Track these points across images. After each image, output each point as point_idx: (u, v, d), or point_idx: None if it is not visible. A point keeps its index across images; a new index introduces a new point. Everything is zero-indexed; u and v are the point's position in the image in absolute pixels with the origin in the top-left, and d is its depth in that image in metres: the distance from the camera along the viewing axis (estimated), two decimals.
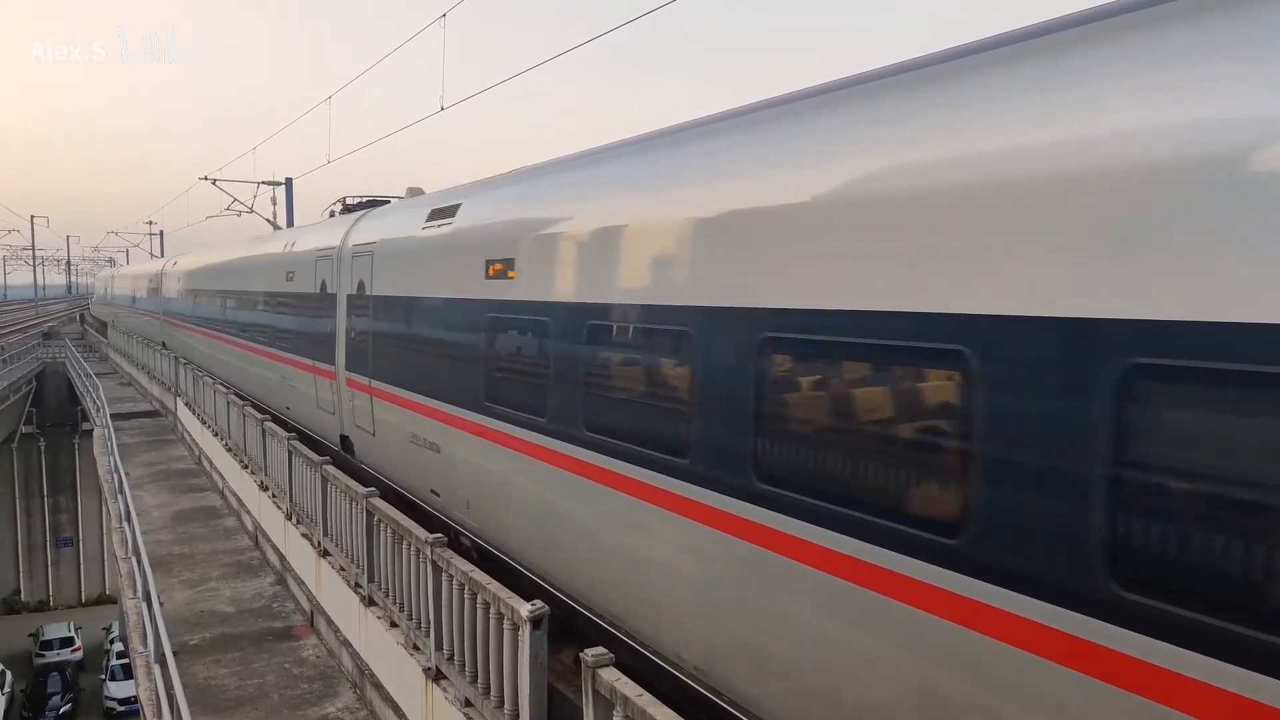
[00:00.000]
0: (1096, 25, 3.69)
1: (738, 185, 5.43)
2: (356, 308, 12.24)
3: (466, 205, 9.52)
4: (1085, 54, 3.63)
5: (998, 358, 3.67)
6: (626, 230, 6.42)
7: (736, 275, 5.18)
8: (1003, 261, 3.70)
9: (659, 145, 6.57)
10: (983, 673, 3.72)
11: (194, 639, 11.05)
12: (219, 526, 16.43)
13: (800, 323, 4.69)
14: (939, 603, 3.86)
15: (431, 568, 7.33)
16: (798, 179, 4.96)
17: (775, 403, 4.87)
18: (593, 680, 4.89)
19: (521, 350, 7.94)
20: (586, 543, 6.74)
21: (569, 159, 8.25)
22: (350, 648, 9.78)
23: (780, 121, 5.35)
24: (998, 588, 3.63)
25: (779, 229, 4.97)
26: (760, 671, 5.06)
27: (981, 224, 3.78)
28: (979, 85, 4.09)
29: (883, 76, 4.81)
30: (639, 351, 6.32)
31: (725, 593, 5.23)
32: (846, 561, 4.33)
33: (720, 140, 5.84)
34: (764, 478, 4.90)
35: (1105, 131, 3.41)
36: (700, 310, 5.41)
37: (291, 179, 34.35)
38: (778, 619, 4.83)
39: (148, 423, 27.97)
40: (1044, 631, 3.46)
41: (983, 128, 3.94)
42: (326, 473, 10.56)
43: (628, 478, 6.06)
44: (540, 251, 7.56)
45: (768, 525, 4.84)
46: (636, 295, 6.16)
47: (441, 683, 7.41)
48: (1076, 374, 3.40)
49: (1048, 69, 3.77)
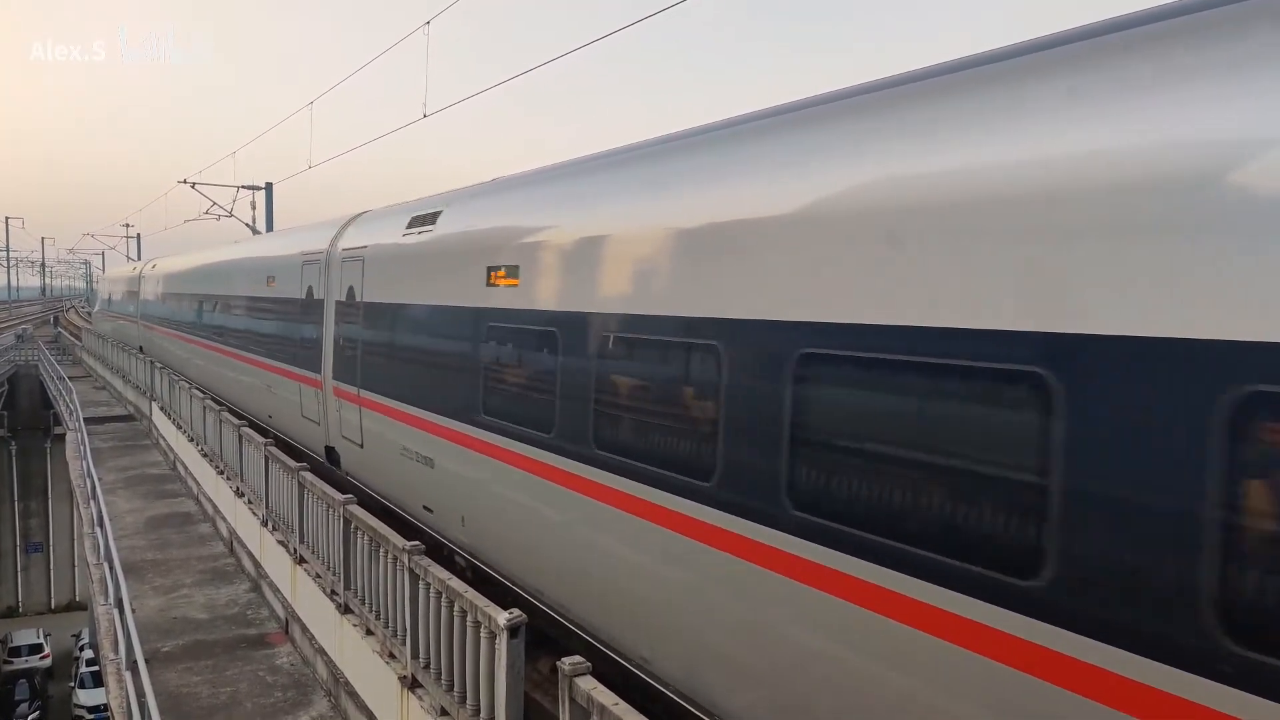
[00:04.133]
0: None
1: (783, 187, 5.04)
2: (345, 314, 11.95)
3: (456, 211, 9.41)
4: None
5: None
6: (651, 234, 6.05)
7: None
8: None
9: (701, 147, 6.16)
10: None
11: (166, 646, 10.93)
12: (193, 533, 16.26)
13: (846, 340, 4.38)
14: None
15: (408, 575, 7.31)
16: (833, 180, 4.74)
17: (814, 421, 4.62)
18: (569, 689, 4.90)
19: (524, 362, 7.57)
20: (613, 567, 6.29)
21: (587, 160, 7.77)
22: (325, 655, 9.72)
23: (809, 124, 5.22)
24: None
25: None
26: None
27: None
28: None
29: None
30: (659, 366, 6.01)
31: (760, 629, 4.88)
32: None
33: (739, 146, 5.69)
34: (801, 505, 4.54)
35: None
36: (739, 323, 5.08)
37: (271, 184, 34.19)
38: (814, 652, 4.55)
39: (122, 427, 27.65)
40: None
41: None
42: (304, 479, 10.50)
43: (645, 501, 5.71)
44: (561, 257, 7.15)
45: (804, 557, 4.48)
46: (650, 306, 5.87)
47: (417, 691, 7.37)
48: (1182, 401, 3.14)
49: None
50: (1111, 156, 3.38)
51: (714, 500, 5.04)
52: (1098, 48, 3.70)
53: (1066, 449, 3.39)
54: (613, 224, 6.50)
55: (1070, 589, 3.35)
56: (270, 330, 15.75)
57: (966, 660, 3.68)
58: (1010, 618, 3.52)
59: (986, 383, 3.74)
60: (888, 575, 4.01)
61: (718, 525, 4.97)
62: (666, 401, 5.71)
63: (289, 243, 15.85)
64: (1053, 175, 3.57)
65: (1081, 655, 3.29)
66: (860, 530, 4.17)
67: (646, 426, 5.83)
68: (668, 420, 5.63)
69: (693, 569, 5.25)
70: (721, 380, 5.04)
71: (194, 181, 33.70)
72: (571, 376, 6.55)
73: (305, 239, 14.85)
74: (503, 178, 9.37)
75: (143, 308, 32.07)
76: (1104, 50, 3.67)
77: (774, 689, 4.75)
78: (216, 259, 22.07)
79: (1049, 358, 3.46)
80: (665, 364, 5.81)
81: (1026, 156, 3.71)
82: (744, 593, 4.87)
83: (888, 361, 4.11)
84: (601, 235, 6.59)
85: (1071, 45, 3.84)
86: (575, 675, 4.90)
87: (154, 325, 29.57)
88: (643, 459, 5.69)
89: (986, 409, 3.80)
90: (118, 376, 33.19)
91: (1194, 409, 3.04)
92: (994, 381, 3.71)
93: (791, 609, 4.54)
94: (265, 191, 33.93)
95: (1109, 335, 3.28)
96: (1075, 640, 3.31)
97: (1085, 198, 3.43)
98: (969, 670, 3.68)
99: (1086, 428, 3.34)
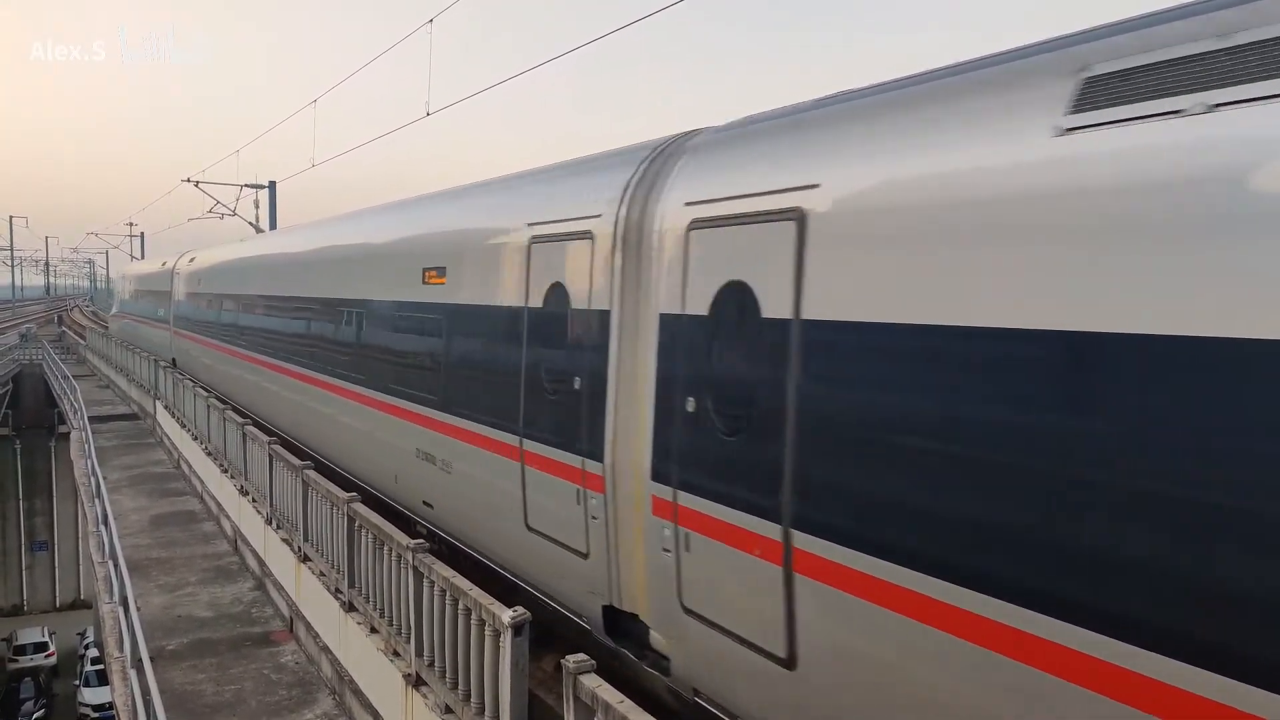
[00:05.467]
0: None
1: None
2: (695, 341, 5.44)
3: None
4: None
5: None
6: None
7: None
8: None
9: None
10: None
11: (171, 644, 10.95)
12: (198, 531, 16.30)
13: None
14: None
15: (412, 573, 7.31)
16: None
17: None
18: (574, 686, 4.90)
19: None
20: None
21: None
22: (330, 654, 9.73)
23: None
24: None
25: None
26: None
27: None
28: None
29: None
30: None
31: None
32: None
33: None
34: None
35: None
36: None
37: (275, 182, 34.22)
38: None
39: (126, 426, 27.71)
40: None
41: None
42: (308, 477, 10.51)
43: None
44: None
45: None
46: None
47: (421, 689, 7.38)
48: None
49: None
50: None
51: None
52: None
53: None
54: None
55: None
56: (430, 360, 9.10)
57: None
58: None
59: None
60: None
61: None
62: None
63: (491, 205, 8.89)
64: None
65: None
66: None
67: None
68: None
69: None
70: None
71: (197, 180, 33.72)
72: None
73: (540, 192, 7.96)
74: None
75: (177, 310, 26.40)
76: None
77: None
78: (307, 245, 15.36)
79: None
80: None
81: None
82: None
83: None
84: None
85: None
86: (580, 673, 4.89)
87: (194, 335, 23.46)
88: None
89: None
90: (121, 375, 33.25)
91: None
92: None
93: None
94: (269, 190, 33.96)
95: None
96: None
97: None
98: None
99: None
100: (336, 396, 11.90)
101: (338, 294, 12.25)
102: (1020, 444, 3.55)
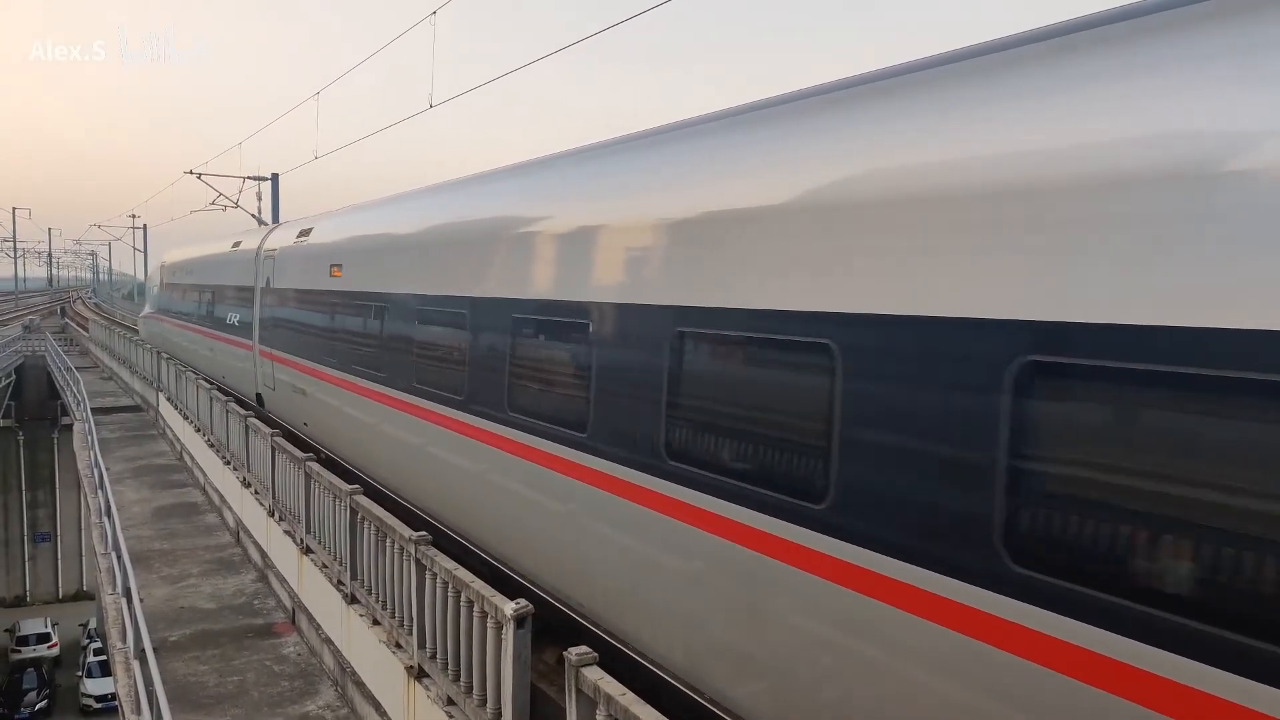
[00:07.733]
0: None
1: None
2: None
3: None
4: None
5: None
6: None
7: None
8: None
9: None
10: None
11: (174, 635, 10.97)
12: (200, 523, 16.33)
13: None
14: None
15: (415, 565, 7.32)
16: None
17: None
18: (576, 679, 4.90)
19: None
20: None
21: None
22: (332, 645, 9.75)
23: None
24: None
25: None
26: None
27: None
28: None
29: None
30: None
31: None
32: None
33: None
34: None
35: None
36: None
37: (278, 175, 34.18)
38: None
39: (129, 417, 27.75)
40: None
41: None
42: (310, 469, 10.52)
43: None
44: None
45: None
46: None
47: (424, 681, 7.39)
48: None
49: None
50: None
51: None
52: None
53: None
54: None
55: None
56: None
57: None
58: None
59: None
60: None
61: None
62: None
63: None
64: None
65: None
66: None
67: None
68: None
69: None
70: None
71: (200, 172, 33.69)
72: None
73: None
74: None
75: (269, 315, 15.72)
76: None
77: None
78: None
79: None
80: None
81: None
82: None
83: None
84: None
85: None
86: (582, 665, 4.89)
87: (314, 366, 12.92)
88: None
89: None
90: (124, 367, 33.28)
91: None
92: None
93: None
94: (271, 182, 33.93)
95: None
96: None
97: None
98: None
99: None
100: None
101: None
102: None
